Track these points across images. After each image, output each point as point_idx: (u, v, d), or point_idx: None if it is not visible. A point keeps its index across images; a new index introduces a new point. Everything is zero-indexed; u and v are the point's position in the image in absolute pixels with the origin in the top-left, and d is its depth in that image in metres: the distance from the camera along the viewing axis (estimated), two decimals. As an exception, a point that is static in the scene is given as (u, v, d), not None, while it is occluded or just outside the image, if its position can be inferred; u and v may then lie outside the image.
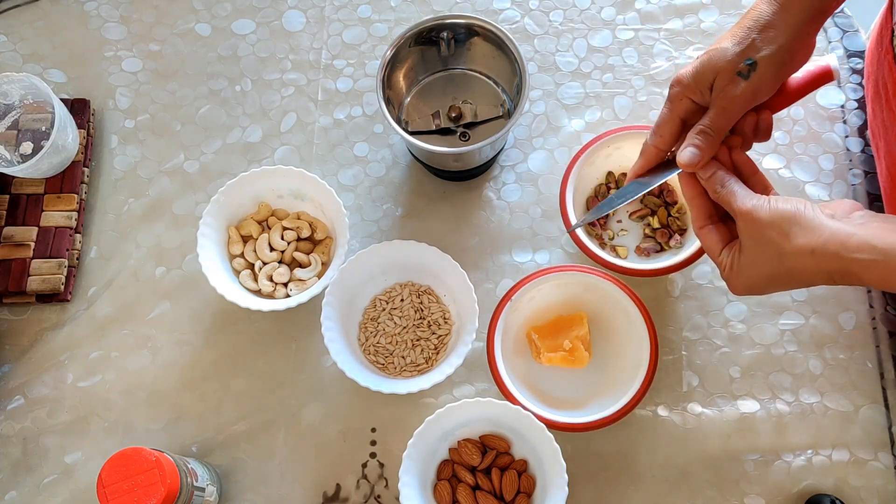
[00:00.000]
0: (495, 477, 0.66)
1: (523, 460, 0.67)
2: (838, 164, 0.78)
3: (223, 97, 0.83)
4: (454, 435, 0.68)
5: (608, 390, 0.69)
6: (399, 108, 0.75)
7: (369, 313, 0.73)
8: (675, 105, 0.61)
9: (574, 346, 0.69)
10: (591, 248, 0.71)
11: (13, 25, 0.86)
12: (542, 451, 0.65)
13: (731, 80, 0.58)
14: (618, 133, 0.73)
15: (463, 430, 0.67)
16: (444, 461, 0.68)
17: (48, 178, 0.78)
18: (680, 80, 0.60)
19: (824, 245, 0.53)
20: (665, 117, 0.61)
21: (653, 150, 0.62)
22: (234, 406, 0.73)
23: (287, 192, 0.76)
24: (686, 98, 0.60)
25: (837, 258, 0.52)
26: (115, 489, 0.58)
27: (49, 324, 0.76)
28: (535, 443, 0.66)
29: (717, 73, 0.58)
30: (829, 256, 0.53)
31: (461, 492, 0.66)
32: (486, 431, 0.68)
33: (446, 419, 0.65)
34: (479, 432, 0.68)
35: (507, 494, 0.66)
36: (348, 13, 0.86)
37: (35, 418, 0.73)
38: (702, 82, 0.59)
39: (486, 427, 0.68)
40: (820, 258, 0.53)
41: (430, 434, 0.66)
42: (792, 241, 0.54)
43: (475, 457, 0.66)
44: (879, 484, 0.69)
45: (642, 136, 0.69)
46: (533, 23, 0.85)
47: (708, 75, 0.59)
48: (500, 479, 0.66)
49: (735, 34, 0.59)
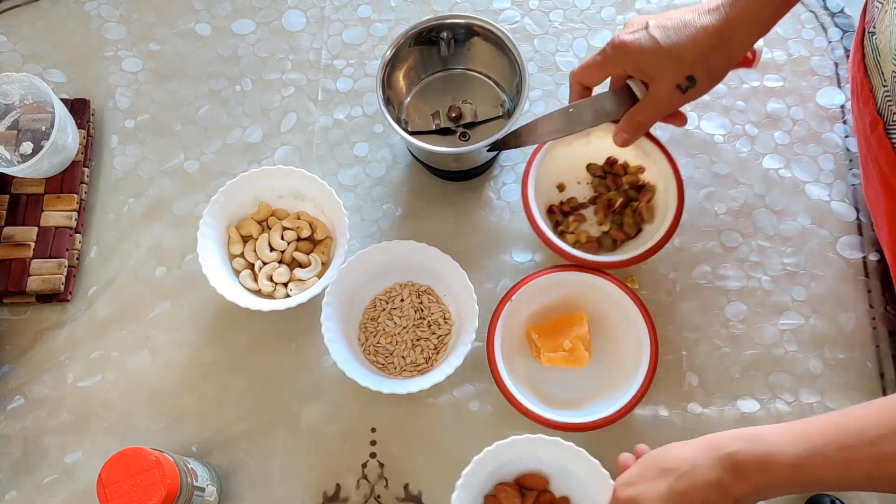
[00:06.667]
0: None
1: (565, 497, 0.66)
2: (838, 164, 0.78)
3: (223, 97, 0.83)
4: (496, 476, 0.66)
5: (608, 390, 0.69)
6: (399, 108, 0.75)
7: (369, 313, 0.73)
8: (608, 65, 0.66)
9: (574, 346, 0.69)
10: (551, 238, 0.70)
11: (13, 25, 0.86)
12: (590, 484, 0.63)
13: (670, 88, 0.63)
14: None
15: (502, 472, 0.66)
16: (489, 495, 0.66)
17: (48, 178, 0.78)
18: (624, 49, 0.63)
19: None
20: (597, 65, 0.66)
21: (578, 85, 0.69)
22: (234, 406, 0.73)
23: (287, 192, 0.76)
24: (620, 66, 0.65)
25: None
26: (115, 489, 0.58)
27: (49, 324, 0.76)
28: (582, 477, 0.64)
29: (660, 73, 0.63)
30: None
31: None
32: (522, 471, 0.66)
33: (494, 457, 0.63)
34: (514, 473, 0.67)
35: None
36: (348, 13, 0.86)
37: (35, 418, 0.73)
38: (642, 70, 0.64)
39: (521, 466, 0.66)
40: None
41: (478, 474, 0.63)
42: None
43: (515, 500, 0.65)
44: (879, 484, 0.69)
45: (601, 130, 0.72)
46: (533, 23, 0.85)
47: (653, 70, 0.63)
48: None
49: (690, 41, 0.61)
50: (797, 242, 0.76)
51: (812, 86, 0.81)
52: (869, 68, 0.67)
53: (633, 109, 0.67)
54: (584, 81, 0.68)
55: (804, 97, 0.80)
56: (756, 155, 0.78)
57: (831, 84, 0.80)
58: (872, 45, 0.66)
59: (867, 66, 0.67)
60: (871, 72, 0.66)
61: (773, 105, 0.80)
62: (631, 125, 0.67)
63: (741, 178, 0.78)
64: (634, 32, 0.63)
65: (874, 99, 0.66)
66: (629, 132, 0.68)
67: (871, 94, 0.66)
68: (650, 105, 0.66)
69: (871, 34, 0.66)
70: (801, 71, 0.81)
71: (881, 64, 0.64)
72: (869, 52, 0.66)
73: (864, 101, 0.67)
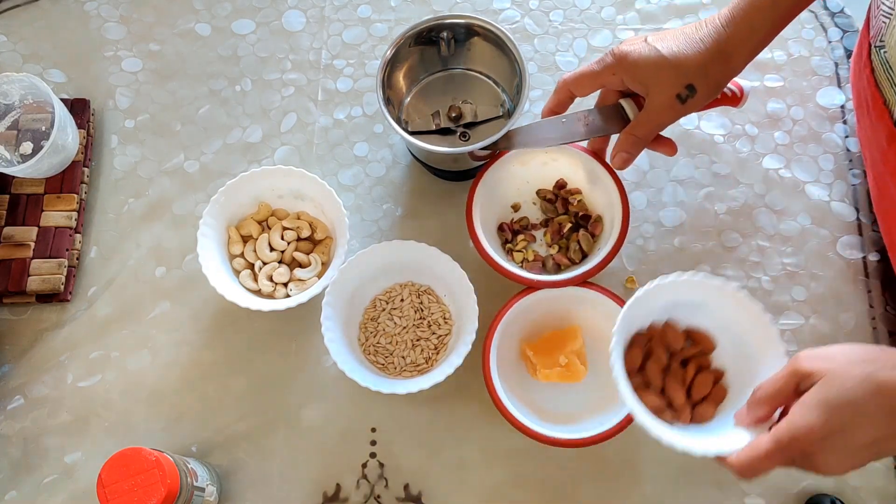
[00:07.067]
0: (690, 370, 0.63)
1: (722, 371, 0.64)
2: (838, 164, 0.78)
3: (223, 97, 0.83)
4: (657, 313, 0.64)
5: (607, 403, 0.68)
6: (399, 108, 0.75)
7: (369, 313, 0.73)
8: (603, 74, 0.65)
9: (570, 361, 0.68)
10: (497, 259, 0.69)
11: (13, 25, 0.86)
12: (760, 363, 0.59)
13: (669, 99, 0.62)
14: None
15: (673, 314, 0.64)
16: (640, 333, 0.65)
17: (48, 178, 0.78)
18: (625, 58, 0.62)
19: None
20: (592, 75, 0.65)
21: (567, 93, 0.67)
22: (234, 406, 0.73)
23: (287, 192, 0.76)
24: (618, 77, 0.64)
25: None
26: (115, 489, 0.58)
27: (49, 324, 0.76)
28: (753, 351, 0.60)
29: (660, 83, 0.62)
30: None
31: (652, 366, 0.63)
32: (694, 325, 0.65)
33: (659, 294, 0.61)
34: (686, 322, 0.65)
35: (695, 393, 0.62)
36: (348, 13, 0.86)
37: (35, 418, 0.73)
38: (641, 81, 0.63)
39: (694, 319, 0.64)
40: None
41: (644, 304, 0.61)
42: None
43: (678, 342, 0.63)
44: (879, 484, 0.69)
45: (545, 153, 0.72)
46: (533, 23, 0.85)
47: (652, 79, 0.62)
48: (695, 376, 0.63)
49: (691, 51, 0.61)
50: (797, 242, 0.76)
51: (812, 86, 0.81)
52: (880, 82, 0.67)
53: (631, 126, 0.66)
54: (575, 90, 0.67)
55: (804, 97, 0.80)
56: (756, 155, 0.78)
57: (831, 84, 0.80)
58: (882, 59, 0.66)
59: (878, 80, 0.67)
60: (882, 86, 0.66)
61: (773, 105, 0.80)
62: (630, 142, 0.66)
63: (741, 178, 0.78)
64: (633, 44, 0.63)
65: (889, 112, 0.66)
66: (629, 150, 0.66)
67: (884, 107, 0.66)
68: (648, 118, 0.65)
69: (880, 48, 0.66)
70: (801, 71, 0.81)
71: (893, 77, 0.64)
72: (878, 66, 0.67)
73: (878, 116, 0.67)
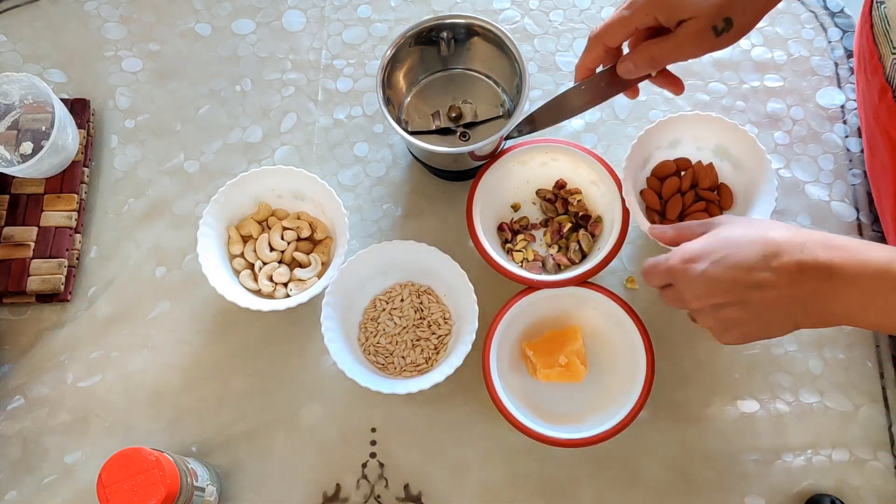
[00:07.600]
0: (697, 205, 0.73)
1: (726, 187, 0.74)
2: (838, 164, 0.78)
3: (223, 97, 0.83)
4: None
5: (607, 402, 0.68)
6: (399, 108, 0.75)
7: (369, 313, 0.73)
8: (637, 15, 0.60)
9: (570, 361, 0.68)
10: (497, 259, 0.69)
11: (13, 25, 0.86)
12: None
13: (703, 29, 0.58)
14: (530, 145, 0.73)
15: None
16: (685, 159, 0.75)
17: (48, 178, 0.78)
18: None
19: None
20: (622, 20, 0.61)
21: (601, 46, 0.63)
22: (234, 406, 0.73)
23: (287, 192, 0.76)
24: (651, 15, 0.59)
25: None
26: (115, 489, 0.58)
27: (49, 324, 0.76)
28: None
29: (698, 12, 0.57)
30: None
31: (670, 182, 0.74)
32: (729, 182, 0.74)
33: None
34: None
35: (687, 219, 0.72)
36: (348, 13, 0.86)
37: (35, 418, 0.73)
38: (676, 12, 0.58)
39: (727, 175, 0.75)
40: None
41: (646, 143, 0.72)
42: None
43: (707, 181, 0.74)
44: (879, 484, 0.69)
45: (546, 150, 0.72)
46: (533, 23, 0.85)
47: (688, 9, 0.58)
48: (692, 206, 0.73)
49: None
50: (797, 242, 0.76)
51: (812, 86, 0.81)
52: (877, 37, 0.68)
53: (651, 42, 0.61)
54: (607, 41, 0.62)
55: (804, 97, 0.80)
56: (756, 155, 0.78)
57: (831, 84, 0.80)
58: (881, 15, 0.67)
59: (875, 35, 0.69)
60: (879, 41, 0.68)
61: (773, 105, 0.80)
62: (642, 56, 0.62)
63: (741, 178, 0.78)
64: None
65: (883, 68, 0.67)
66: (637, 63, 0.62)
67: (879, 63, 0.68)
68: (673, 42, 0.59)
69: (880, 3, 0.67)
70: (801, 71, 0.81)
71: (890, 33, 0.66)
72: (878, 22, 0.68)
73: (872, 71, 0.68)
